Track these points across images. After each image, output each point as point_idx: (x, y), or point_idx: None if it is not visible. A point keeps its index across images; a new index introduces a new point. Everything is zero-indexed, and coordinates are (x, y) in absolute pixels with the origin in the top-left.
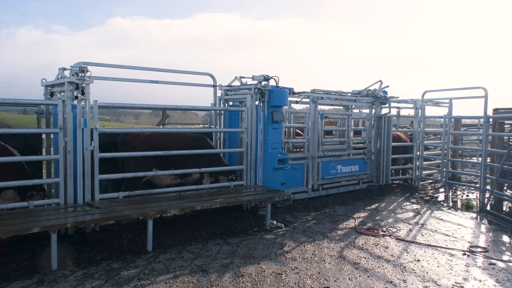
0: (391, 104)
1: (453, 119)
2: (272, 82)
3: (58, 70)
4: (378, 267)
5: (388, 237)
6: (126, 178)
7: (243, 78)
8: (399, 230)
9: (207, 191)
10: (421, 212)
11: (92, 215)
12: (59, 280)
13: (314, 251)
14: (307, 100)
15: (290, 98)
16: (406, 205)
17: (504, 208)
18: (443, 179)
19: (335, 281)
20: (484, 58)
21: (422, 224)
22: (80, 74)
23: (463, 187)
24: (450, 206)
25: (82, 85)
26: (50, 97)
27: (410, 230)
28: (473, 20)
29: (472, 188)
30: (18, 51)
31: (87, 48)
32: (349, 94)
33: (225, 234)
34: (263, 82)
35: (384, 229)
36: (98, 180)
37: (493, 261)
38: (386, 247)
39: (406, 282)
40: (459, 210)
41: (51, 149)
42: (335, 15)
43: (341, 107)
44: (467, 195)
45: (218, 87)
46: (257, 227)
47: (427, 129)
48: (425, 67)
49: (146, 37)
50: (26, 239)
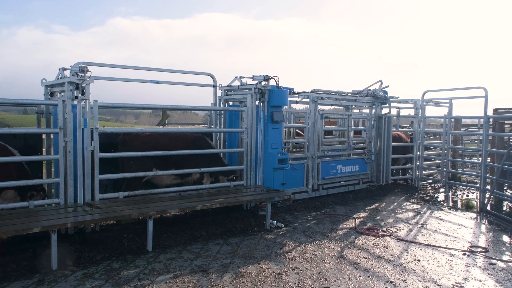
0: (391, 104)
1: (453, 119)
2: (272, 82)
3: (58, 70)
4: (378, 267)
5: (388, 237)
6: (126, 178)
7: (243, 78)
8: (399, 230)
9: (207, 191)
10: (421, 212)
11: (92, 215)
12: (59, 280)
13: (314, 251)
14: (307, 100)
15: (290, 98)
16: (406, 205)
17: (504, 208)
18: (443, 179)
19: (335, 281)
20: (484, 58)
21: (422, 224)
22: (80, 74)
23: (463, 187)
24: (450, 206)
25: (82, 85)
26: (50, 97)
27: (410, 230)
28: (473, 20)
29: (472, 188)
30: (18, 51)
31: (87, 48)
32: (349, 94)
33: (225, 234)
34: (263, 82)
35: (384, 229)
36: (98, 180)
37: (493, 261)
38: (386, 247)
39: (406, 282)
40: (459, 210)
41: (51, 149)
42: (335, 15)
43: (341, 107)
44: (467, 195)
45: (218, 87)
46: (257, 227)
47: (427, 129)
48: (425, 67)
49: (146, 37)
50: (26, 239)
